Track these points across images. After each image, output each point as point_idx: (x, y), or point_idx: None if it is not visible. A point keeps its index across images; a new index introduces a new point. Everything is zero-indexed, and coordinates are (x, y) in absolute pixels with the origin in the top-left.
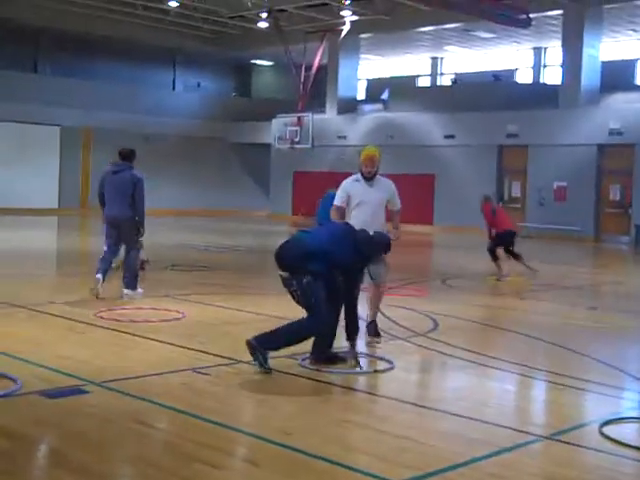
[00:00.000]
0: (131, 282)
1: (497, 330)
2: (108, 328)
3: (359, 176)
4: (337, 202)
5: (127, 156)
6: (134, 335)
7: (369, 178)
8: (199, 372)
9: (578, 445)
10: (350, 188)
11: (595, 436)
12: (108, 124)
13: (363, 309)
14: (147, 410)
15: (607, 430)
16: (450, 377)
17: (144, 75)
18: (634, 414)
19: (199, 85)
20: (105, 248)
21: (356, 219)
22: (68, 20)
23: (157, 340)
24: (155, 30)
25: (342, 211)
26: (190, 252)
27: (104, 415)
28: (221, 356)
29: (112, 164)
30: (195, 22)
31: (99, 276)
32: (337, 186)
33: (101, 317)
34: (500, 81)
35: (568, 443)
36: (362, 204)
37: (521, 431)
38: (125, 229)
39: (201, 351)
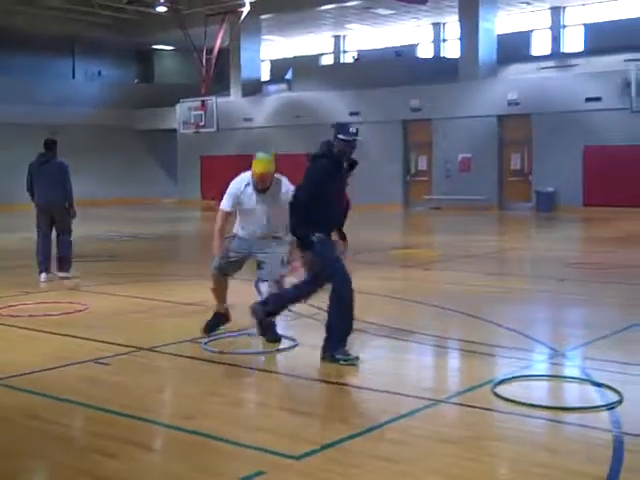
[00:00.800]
0: (66, 264)
1: (401, 301)
2: (4, 324)
3: (251, 179)
4: (226, 208)
5: (52, 146)
6: (32, 330)
7: (262, 190)
8: (99, 363)
9: (471, 406)
10: (241, 195)
11: (488, 396)
12: (7, 118)
13: None
14: (43, 405)
15: (499, 390)
16: (354, 351)
17: (42, 65)
18: (527, 372)
19: (100, 73)
20: (39, 239)
21: (248, 224)
22: None
23: (56, 333)
24: (51, 19)
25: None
26: (96, 243)
27: None
28: (123, 345)
29: (39, 155)
30: (92, 9)
31: (44, 275)
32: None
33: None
34: (402, 57)
35: (462, 405)
36: (253, 212)
37: (418, 397)
38: (59, 214)
39: (102, 341)
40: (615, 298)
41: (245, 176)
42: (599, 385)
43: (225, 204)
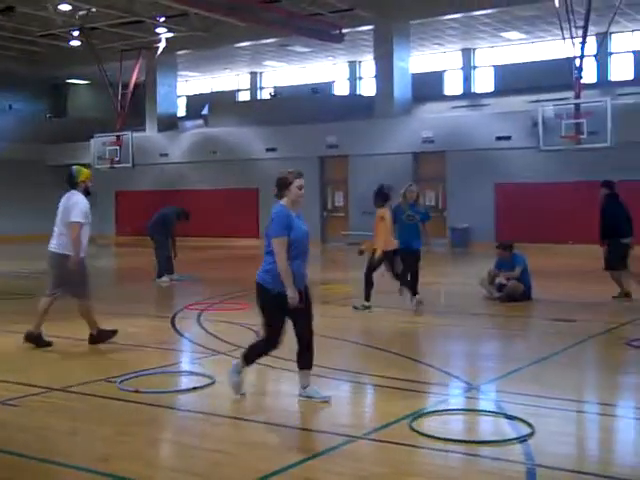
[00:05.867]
0: None
1: (317, 337)
2: None
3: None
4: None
5: None
6: None
7: None
8: (6, 404)
9: (389, 442)
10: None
11: (406, 431)
12: None
13: None
14: None
15: (416, 425)
16: (268, 388)
17: None
18: (442, 407)
19: (11, 107)
20: None
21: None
22: None
23: None
24: None
25: None
26: (4, 279)
27: None
28: (32, 385)
29: None
30: (3, 42)
31: None
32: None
33: None
34: (318, 94)
35: (380, 441)
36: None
37: (335, 433)
38: None
39: (10, 382)
40: (527, 331)
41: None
42: (512, 418)
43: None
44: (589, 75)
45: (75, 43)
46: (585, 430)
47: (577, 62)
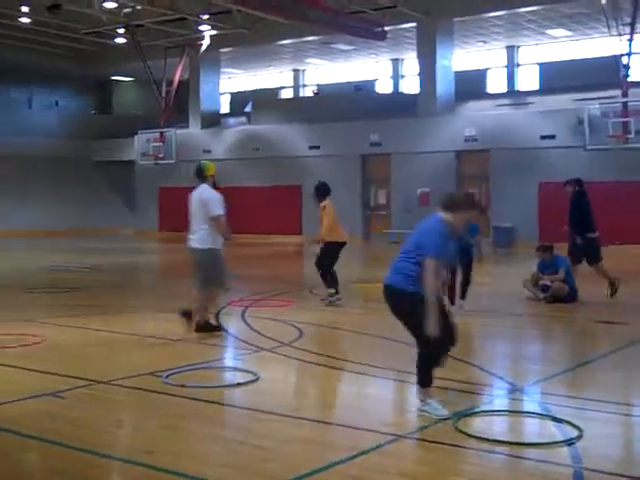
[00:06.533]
0: None
1: (361, 335)
2: None
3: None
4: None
5: None
6: None
7: None
8: (56, 396)
9: (434, 442)
10: None
11: (451, 431)
12: None
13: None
14: None
15: (461, 425)
16: (311, 384)
17: None
18: (488, 408)
19: (57, 103)
20: None
21: None
22: None
23: (11, 366)
24: (8, 47)
25: None
26: (52, 274)
27: None
28: (80, 378)
29: None
30: (49, 39)
31: None
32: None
33: None
34: (361, 91)
35: (424, 440)
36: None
37: (380, 432)
38: None
39: (58, 374)
40: (572, 333)
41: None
42: (559, 421)
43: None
44: (637, 73)
45: (120, 40)
46: (633, 433)
47: (624, 60)
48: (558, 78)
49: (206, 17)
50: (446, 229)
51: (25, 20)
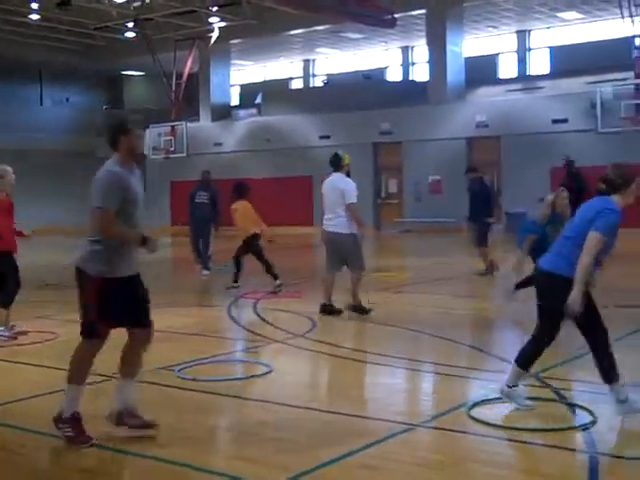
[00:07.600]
0: None
1: (374, 325)
2: None
3: None
4: None
5: None
6: (2, 360)
7: None
8: None
9: (448, 429)
10: None
11: (464, 419)
12: None
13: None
14: (13, 436)
15: (474, 412)
16: (324, 375)
17: (9, 91)
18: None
19: (68, 100)
20: None
21: None
22: None
23: (26, 364)
24: (18, 44)
25: None
26: (65, 270)
27: None
28: (93, 374)
29: None
30: (59, 34)
31: None
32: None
33: None
34: (371, 80)
35: (438, 428)
36: None
37: (394, 421)
38: None
39: None
40: None
41: None
42: (573, 406)
43: None
44: None
45: (130, 35)
46: None
47: (636, 41)
48: (570, 61)
49: (215, 9)
50: (619, 210)
51: (35, 17)
